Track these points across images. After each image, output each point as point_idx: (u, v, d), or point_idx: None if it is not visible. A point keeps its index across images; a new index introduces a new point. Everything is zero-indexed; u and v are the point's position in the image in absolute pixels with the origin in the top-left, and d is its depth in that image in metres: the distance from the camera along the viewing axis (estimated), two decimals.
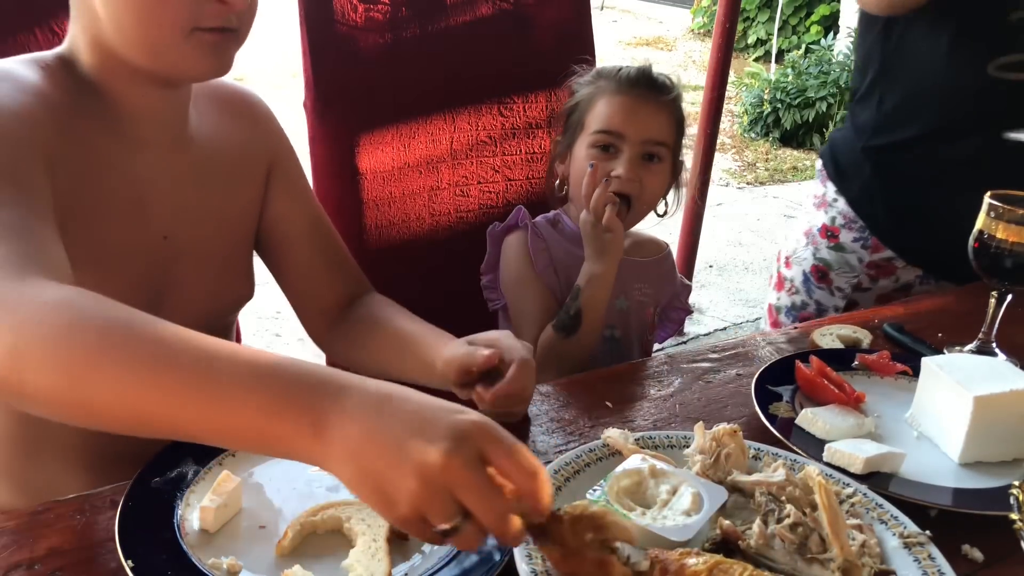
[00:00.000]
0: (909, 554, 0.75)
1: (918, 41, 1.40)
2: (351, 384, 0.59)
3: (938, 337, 1.25)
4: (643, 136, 1.24)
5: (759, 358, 1.16)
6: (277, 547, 0.74)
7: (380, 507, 0.58)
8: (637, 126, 1.25)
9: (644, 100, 1.26)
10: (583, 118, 1.29)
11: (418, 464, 0.55)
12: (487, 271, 1.36)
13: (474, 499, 0.56)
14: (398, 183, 1.44)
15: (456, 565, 0.73)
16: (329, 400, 0.58)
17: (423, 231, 1.48)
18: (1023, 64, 1.26)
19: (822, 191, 1.62)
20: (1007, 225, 1.08)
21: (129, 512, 0.74)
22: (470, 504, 0.57)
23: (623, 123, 1.25)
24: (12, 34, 1.13)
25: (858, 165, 1.54)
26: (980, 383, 0.93)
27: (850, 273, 1.58)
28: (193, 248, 1.01)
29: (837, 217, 1.58)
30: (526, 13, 1.48)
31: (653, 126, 1.26)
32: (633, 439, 0.87)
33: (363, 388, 0.59)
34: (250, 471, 0.84)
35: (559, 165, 1.35)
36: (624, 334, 1.34)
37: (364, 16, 1.37)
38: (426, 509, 0.57)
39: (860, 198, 1.55)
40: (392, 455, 0.56)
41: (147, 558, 0.69)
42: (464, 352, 0.95)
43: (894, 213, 1.52)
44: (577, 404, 1.01)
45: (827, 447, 0.90)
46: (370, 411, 0.58)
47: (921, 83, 1.42)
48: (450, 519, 0.57)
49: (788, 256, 1.69)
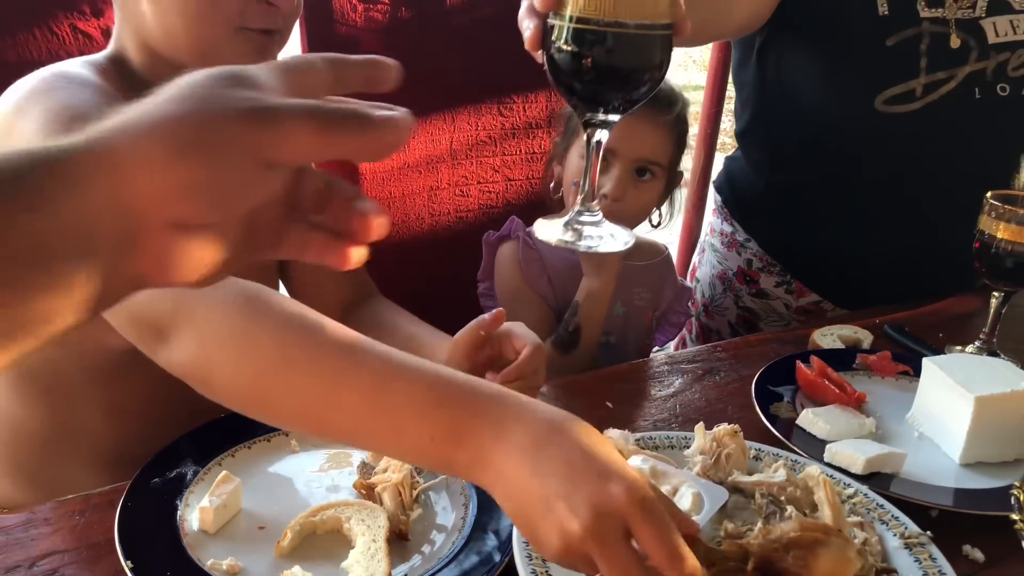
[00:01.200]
0: (910, 554, 0.75)
1: (795, 77, 1.29)
2: (514, 417, 0.59)
3: (939, 337, 1.24)
4: (636, 155, 1.19)
5: (759, 358, 1.15)
6: (277, 548, 0.74)
7: (534, 545, 0.59)
8: (632, 144, 1.19)
9: (642, 118, 1.18)
10: (579, 125, 1.26)
11: (562, 530, 0.55)
12: (483, 278, 1.35)
13: (610, 570, 0.55)
14: (398, 183, 1.44)
15: (456, 565, 0.73)
16: (491, 436, 0.59)
17: (423, 231, 1.48)
18: (910, 94, 1.17)
19: (729, 229, 1.45)
20: (1007, 225, 1.08)
21: (129, 512, 0.74)
22: (606, 573, 0.55)
23: (616, 139, 1.15)
24: (12, 33, 1.13)
25: (763, 204, 1.39)
26: (981, 383, 0.92)
27: (779, 322, 1.42)
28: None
29: (753, 260, 1.42)
30: None
31: (647, 145, 1.20)
32: (633, 439, 0.87)
33: (523, 425, 0.59)
34: (250, 471, 0.84)
35: (556, 166, 1.33)
36: (620, 340, 1.32)
37: (364, 16, 1.37)
38: (570, 564, 0.57)
39: (773, 239, 1.39)
40: (540, 511, 0.56)
41: (147, 558, 0.69)
42: (469, 326, 0.94)
43: (811, 254, 1.36)
44: (577, 404, 1.01)
45: (828, 447, 0.90)
46: (526, 457, 0.57)
47: (807, 120, 1.29)
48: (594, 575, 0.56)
49: (706, 304, 1.52)
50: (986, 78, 1.16)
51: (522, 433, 0.58)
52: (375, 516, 0.76)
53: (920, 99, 1.16)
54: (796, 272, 1.40)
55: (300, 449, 0.88)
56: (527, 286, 1.28)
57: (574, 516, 0.55)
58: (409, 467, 0.81)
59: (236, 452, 0.86)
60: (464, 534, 0.76)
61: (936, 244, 1.27)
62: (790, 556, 0.64)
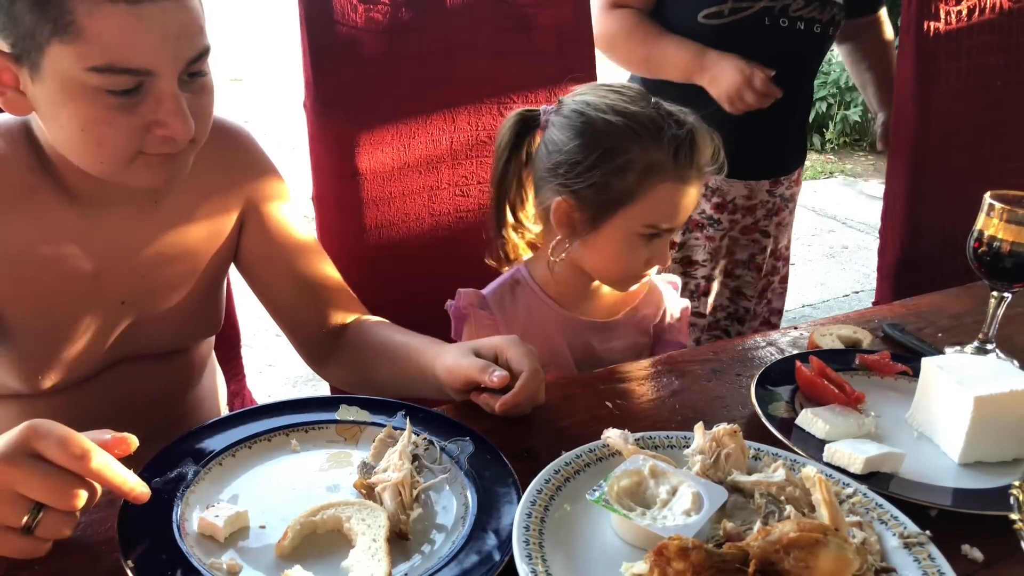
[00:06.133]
0: (909, 554, 0.75)
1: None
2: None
3: (938, 337, 1.25)
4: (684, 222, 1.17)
5: (759, 358, 1.16)
6: (277, 547, 0.74)
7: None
8: (686, 215, 1.13)
9: (696, 182, 1.11)
10: (632, 196, 1.08)
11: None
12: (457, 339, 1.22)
13: (34, 487, 0.66)
14: (398, 183, 1.44)
15: (456, 565, 0.73)
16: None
17: (423, 231, 1.48)
18: (720, 13, 1.60)
19: None
20: (1007, 225, 1.08)
21: (129, 512, 0.74)
22: (33, 493, 0.66)
23: (678, 216, 1.11)
24: None
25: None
26: (980, 383, 0.93)
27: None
28: (153, 309, 1.02)
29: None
30: (526, 13, 1.49)
31: (693, 206, 1.14)
32: (633, 439, 0.87)
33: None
34: (250, 471, 0.84)
35: (538, 227, 1.19)
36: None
37: (364, 16, 1.37)
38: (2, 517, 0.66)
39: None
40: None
41: (147, 558, 0.70)
42: (470, 365, 0.94)
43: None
44: (577, 404, 1.01)
45: (827, 447, 0.90)
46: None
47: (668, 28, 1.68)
48: (22, 515, 0.66)
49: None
50: (774, 12, 1.60)
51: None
52: (375, 516, 0.76)
53: (727, 17, 1.60)
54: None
55: (300, 449, 0.88)
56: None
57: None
58: (409, 467, 0.81)
59: (236, 452, 0.86)
60: (464, 534, 0.76)
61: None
62: (791, 557, 0.64)
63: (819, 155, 5.89)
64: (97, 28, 0.76)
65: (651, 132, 1.07)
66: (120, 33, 0.76)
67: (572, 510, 0.79)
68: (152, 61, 0.79)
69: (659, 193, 1.08)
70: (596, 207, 1.10)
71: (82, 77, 0.78)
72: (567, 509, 0.79)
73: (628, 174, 1.07)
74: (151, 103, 0.81)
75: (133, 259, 0.98)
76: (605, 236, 1.12)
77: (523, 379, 0.92)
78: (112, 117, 0.80)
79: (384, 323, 1.13)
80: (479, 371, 0.93)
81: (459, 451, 0.87)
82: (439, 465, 0.86)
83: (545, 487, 0.80)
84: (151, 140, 0.83)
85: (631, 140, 1.07)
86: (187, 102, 0.83)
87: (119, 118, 0.80)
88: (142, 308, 1.00)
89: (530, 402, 0.94)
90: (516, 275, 1.23)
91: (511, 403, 0.92)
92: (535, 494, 0.78)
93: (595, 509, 0.78)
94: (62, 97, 0.79)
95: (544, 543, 0.73)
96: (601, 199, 1.09)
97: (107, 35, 0.76)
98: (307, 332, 1.13)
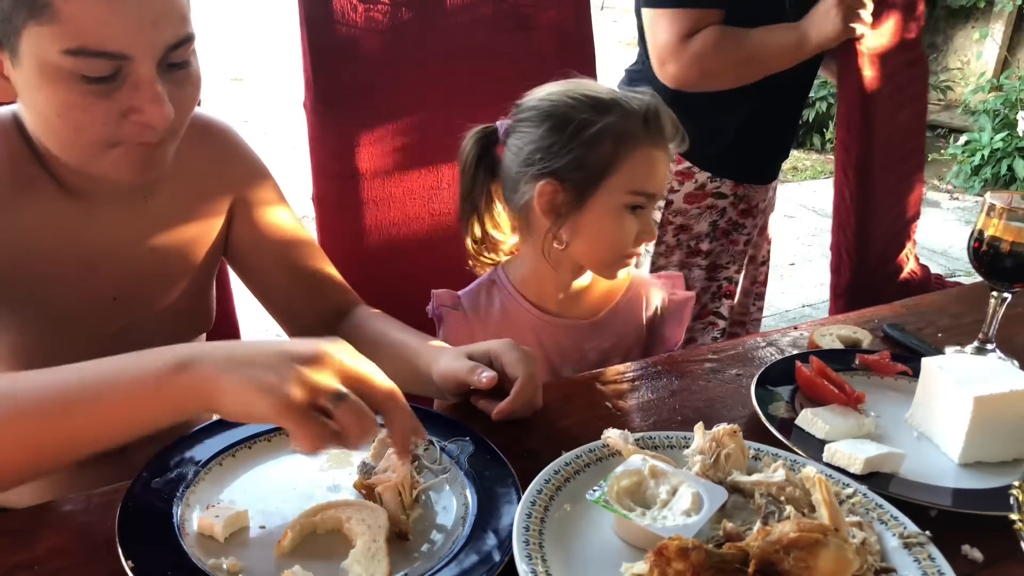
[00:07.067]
0: (909, 554, 0.75)
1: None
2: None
3: (938, 337, 1.25)
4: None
5: (759, 358, 1.16)
6: (277, 547, 0.74)
7: (264, 405, 0.66)
8: (664, 182, 1.15)
9: (665, 151, 1.13)
10: (611, 165, 1.09)
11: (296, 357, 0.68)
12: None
13: (348, 373, 0.71)
14: (398, 183, 1.44)
15: (456, 565, 0.73)
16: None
17: (423, 231, 1.48)
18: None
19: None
20: (1007, 225, 1.08)
21: (129, 512, 0.74)
22: (345, 378, 0.70)
23: (659, 180, 1.12)
24: None
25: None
26: (980, 383, 0.93)
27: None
28: (144, 305, 1.01)
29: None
30: (526, 13, 1.49)
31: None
32: (633, 439, 0.87)
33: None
34: (250, 471, 0.84)
35: (511, 217, 1.18)
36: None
37: (364, 16, 1.38)
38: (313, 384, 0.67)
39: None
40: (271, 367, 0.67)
41: (147, 558, 0.70)
42: (461, 368, 0.94)
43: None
44: (577, 404, 1.01)
45: (827, 447, 0.90)
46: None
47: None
48: (331, 394, 0.68)
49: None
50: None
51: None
52: (375, 516, 0.76)
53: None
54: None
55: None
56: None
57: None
58: (409, 467, 0.81)
59: (236, 452, 0.86)
60: (464, 534, 0.76)
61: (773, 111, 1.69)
62: (791, 557, 0.64)
63: (819, 155, 5.88)
64: (71, 10, 0.75)
65: (616, 104, 1.10)
66: (95, 16, 0.76)
67: (572, 510, 0.79)
68: (128, 45, 0.78)
69: (636, 158, 1.09)
70: (579, 183, 1.10)
71: (57, 60, 0.77)
72: (567, 509, 0.79)
73: (603, 144, 1.08)
74: (128, 89, 0.80)
75: (124, 254, 0.97)
76: (593, 213, 1.11)
77: (518, 386, 0.92)
78: (88, 103, 0.79)
79: (381, 316, 1.13)
80: (468, 373, 0.93)
81: (459, 451, 0.87)
82: (439, 465, 0.86)
83: (545, 487, 0.80)
84: (128, 128, 0.82)
85: (598, 113, 1.09)
86: (168, 91, 0.82)
87: (95, 104, 0.80)
88: (134, 304, 1.00)
89: (526, 408, 0.94)
90: (493, 276, 1.24)
91: (507, 411, 0.92)
92: (535, 494, 0.78)
93: (595, 509, 0.78)
94: (38, 81, 0.79)
95: (544, 543, 0.73)
96: (582, 174, 1.09)
97: (81, 17, 0.75)
98: (303, 323, 1.13)
